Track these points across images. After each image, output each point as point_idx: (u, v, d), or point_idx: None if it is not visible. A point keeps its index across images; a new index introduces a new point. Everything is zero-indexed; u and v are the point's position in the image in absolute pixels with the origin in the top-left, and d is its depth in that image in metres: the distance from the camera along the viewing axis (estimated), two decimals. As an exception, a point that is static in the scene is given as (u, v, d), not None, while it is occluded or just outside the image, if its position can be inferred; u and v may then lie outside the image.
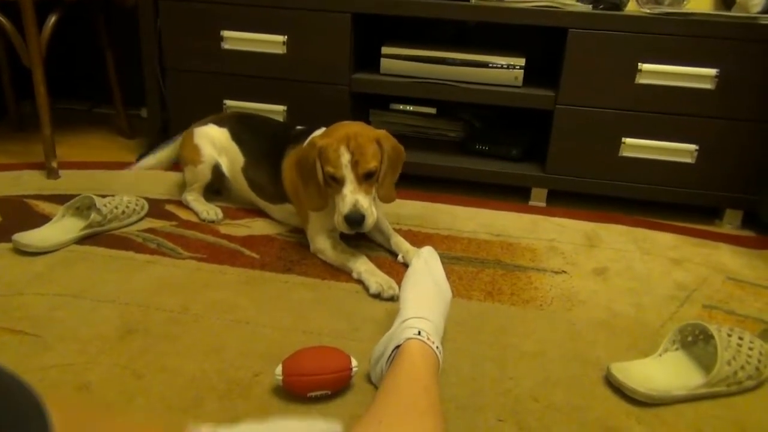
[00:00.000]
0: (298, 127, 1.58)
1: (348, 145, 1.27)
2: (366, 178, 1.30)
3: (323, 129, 1.48)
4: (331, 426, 0.83)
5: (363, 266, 1.33)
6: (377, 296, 1.26)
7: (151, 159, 1.94)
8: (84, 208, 1.50)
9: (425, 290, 1.04)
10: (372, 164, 1.29)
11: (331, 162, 1.28)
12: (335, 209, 1.33)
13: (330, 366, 0.95)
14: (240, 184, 1.66)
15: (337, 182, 1.30)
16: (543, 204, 1.86)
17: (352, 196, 1.28)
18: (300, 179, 1.36)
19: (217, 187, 1.74)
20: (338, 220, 1.31)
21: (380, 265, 1.37)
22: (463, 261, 1.45)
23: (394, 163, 1.36)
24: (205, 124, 1.68)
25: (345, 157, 1.27)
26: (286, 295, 1.26)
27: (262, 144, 1.60)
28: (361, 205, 1.28)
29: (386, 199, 1.37)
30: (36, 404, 0.52)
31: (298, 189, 1.40)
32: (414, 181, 1.91)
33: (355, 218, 1.28)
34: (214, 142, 1.65)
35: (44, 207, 1.62)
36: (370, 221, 1.30)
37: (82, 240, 1.45)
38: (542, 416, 0.95)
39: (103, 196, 1.53)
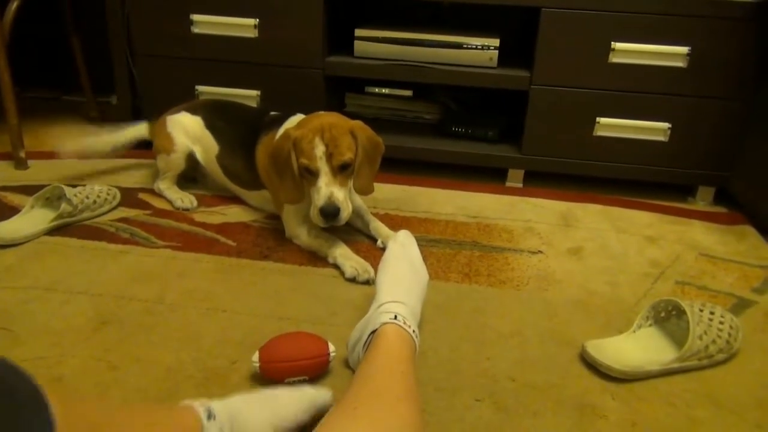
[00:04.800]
0: (272, 113, 1.56)
1: (322, 136, 1.26)
2: (341, 170, 1.28)
3: (298, 115, 1.46)
4: (320, 393, 0.85)
5: (338, 251, 1.33)
6: (353, 280, 1.26)
7: (95, 141, 1.70)
8: (54, 199, 1.47)
9: (401, 274, 1.04)
10: (347, 156, 1.27)
11: (306, 154, 1.27)
12: (311, 201, 1.31)
13: (307, 352, 0.95)
14: (215, 172, 1.64)
15: (311, 174, 1.29)
16: (520, 185, 1.87)
17: (327, 188, 1.27)
18: (275, 172, 1.34)
19: (192, 175, 1.71)
20: (313, 213, 1.29)
21: (358, 250, 1.37)
22: (440, 243, 1.45)
23: (371, 154, 1.34)
24: (178, 112, 1.65)
25: (319, 149, 1.26)
26: (262, 282, 1.26)
27: (236, 131, 1.57)
28: (336, 198, 1.27)
29: (363, 191, 1.36)
30: (37, 397, 0.51)
31: (275, 182, 1.38)
32: (391, 165, 1.90)
33: (330, 211, 1.26)
34: (187, 131, 1.62)
35: (12, 198, 1.58)
36: (345, 214, 1.29)
37: (52, 231, 1.42)
38: (519, 395, 0.96)
39: (74, 186, 1.50)
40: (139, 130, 1.76)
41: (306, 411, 0.83)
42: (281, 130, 1.41)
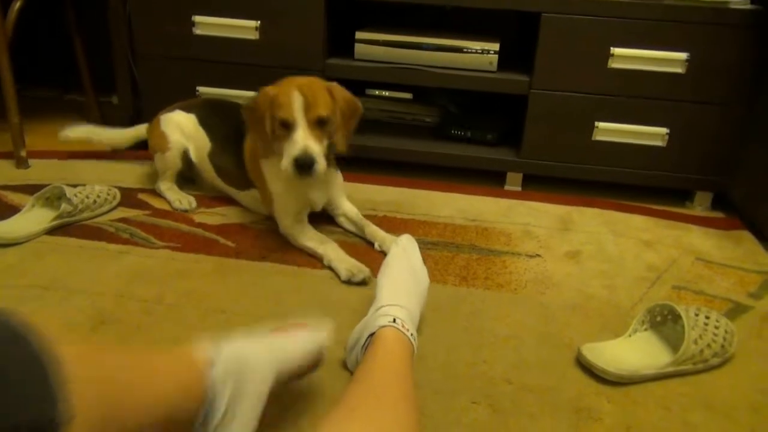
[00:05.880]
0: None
1: (300, 90, 1.27)
2: (318, 125, 1.29)
3: None
4: (318, 337, 0.89)
5: (332, 253, 1.34)
6: (348, 282, 1.27)
7: (91, 133, 1.83)
8: (54, 198, 1.48)
9: (401, 278, 1.04)
10: (324, 110, 1.28)
11: (283, 107, 1.27)
12: (284, 156, 1.29)
13: None
14: (207, 170, 1.64)
15: (288, 128, 1.28)
16: (518, 188, 1.87)
17: (303, 141, 1.26)
18: (251, 125, 1.36)
19: (190, 176, 1.72)
20: (286, 164, 1.28)
21: (356, 252, 1.38)
22: (438, 246, 1.45)
23: (347, 115, 1.36)
24: (172, 110, 1.66)
25: (297, 102, 1.26)
26: (261, 283, 1.26)
27: (228, 129, 1.58)
28: (312, 150, 1.26)
29: (339, 149, 1.37)
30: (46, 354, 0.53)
31: (252, 135, 1.38)
32: (390, 167, 1.91)
33: (305, 161, 1.25)
34: (181, 129, 1.63)
35: (13, 197, 1.58)
36: (320, 168, 1.28)
37: (52, 231, 1.42)
38: (515, 398, 0.97)
39: (74, 186, 1.51)
40: (139, 130, 1.81)
41: (306, 357, 0.86)
42: None
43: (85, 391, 0.54)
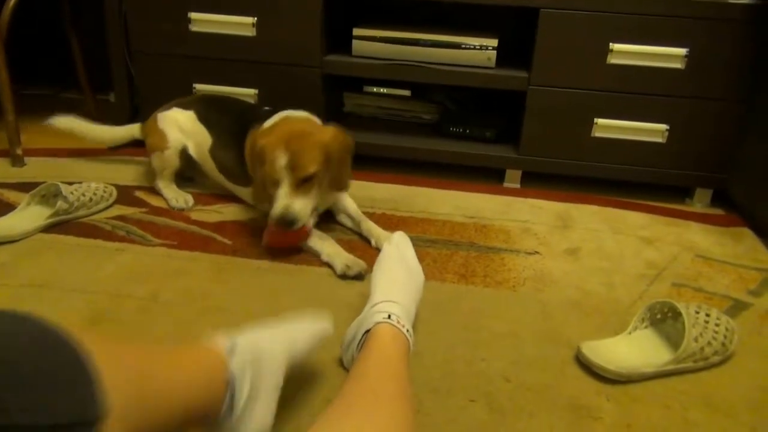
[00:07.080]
0: (266, 108, 1.56)
1: (287, 147, 1.25)
2: (304, 182, 1.28)
3: (288, 111, 1.46)
4: (325, 328, 0.93)
5: (329, 248, 1.33)
6: (344, 276, 1.26)
7: (78, 127, 1.77)
8: (50, 196, 1.47)
9: (396, 274, 1.03)
10: (310, 170, 1.26)
11: (268, 163, 1.26)
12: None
13: None
14: (209, 166, 1.63)
15: (273, 183, 1.29)
16: (517, 185, 1.87)
17: (285, 199, 1.26)
18: (252, 170, 1.36)
19: (189, 175, 1.71)
20: (271, 216, 1.29)
21: (353, 248, 1.37)
22: (437, 244, 1.45)
23: (342, 158, 1.34)
24: (169, 108, 1.65)
25: (281, 161, 1.25)
26: (258, 281, 1.25)
27: (230, 124, 1.57)
28: (293, 210, 1.26)
29: (340, 189, 1.37)
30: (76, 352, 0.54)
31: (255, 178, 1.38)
32: (388, 164, 1.90)
33: (285, 221, 1.27)
34: (180, 126, 1.62)
35: (9, 195, 1.58)
36: (300, 223, 1.28)
37: (48, 228, 1.42)
38: (514, 396, 0.96)
39: (70, 183, 1.50)
40: (131, 130, 1.78)
41: (314, 345, 0.90)
42: (265, 126, 1.40)
43: (120, 388, 0.56)
